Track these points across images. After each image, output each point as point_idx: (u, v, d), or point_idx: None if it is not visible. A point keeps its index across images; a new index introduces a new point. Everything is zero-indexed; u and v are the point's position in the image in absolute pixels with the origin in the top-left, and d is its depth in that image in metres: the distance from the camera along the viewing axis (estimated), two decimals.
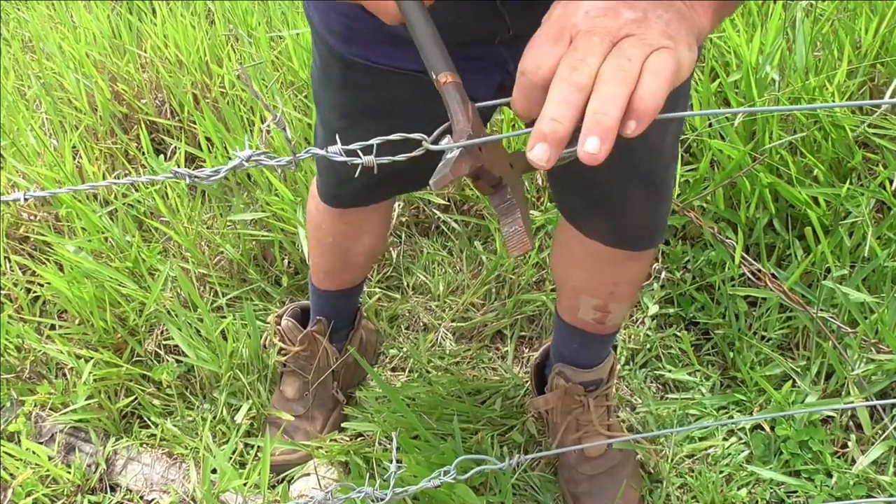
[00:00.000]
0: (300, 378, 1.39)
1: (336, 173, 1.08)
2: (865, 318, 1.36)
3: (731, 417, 1.38)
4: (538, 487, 1.32)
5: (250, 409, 1.41)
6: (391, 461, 1.24)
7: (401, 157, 0.58)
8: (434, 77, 0.58)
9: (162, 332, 1.53)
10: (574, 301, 1.18)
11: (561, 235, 1.14)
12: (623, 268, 1.11)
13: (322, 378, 1.38)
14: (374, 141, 0.58)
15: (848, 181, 1.46)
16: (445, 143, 0.57)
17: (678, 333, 1.49)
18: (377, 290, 1.61)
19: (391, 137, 0.58)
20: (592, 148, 0.49)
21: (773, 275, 1.43)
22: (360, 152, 0.57)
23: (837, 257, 1.43)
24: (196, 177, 0.57)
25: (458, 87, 0.58)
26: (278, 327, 1.39)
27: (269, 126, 1.66)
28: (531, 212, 1.63)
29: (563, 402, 1.26)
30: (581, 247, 1.07)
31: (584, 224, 1.04)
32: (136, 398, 1.45)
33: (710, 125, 1.53)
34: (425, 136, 0.57)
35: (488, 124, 1.18)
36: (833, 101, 1.49)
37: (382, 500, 0.84)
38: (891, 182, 1.43)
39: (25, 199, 0.59)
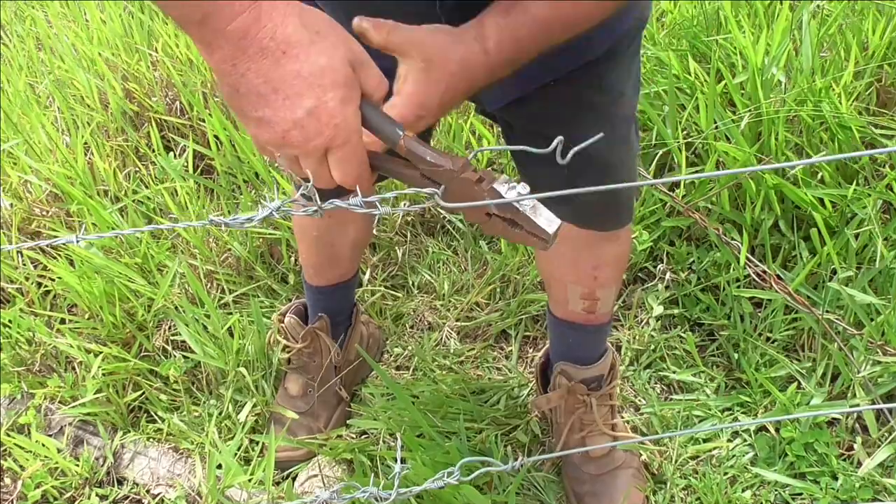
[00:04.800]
0: (303, 375, 1.40)
1: None
2: (872, 319, 1.35)
3: (736, 419, 1.38)
4: (542, 487, 1.32)
5: (254, 406, 1.42)
6: (395, 459, 1.25)
7: (415, 208, 0.67)
8: (397, 142, 0.65)
9: (170, 328, 1.55)
10: (562, 292, 1.20)
11: None
12: (600, 250, 1.13)
13: (325, 374, 1.39)
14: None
15: (854, 182, 1.46)
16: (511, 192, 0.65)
17: (683, 334, 1.49)
18: (382, 288, 1.62)
19: (406, 192, 0.65)
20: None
21: (778, 276, 1.43)
22: (378, 204, 0.63)
23: (843, 259, 1.42)
24: (228, 224, 0.64)
25: (415, 138, 0.65)
26: (281, 325, 1.40)
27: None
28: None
29: (567, 402, 1.27)
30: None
31: (555, 209, 1.06)
32: (143, 393, 1.47)
33: (717, 127, 1.53)
34: (437, 191, 0.64)
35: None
36: (840, 101, 1.49)
37: (387, 499, 0.85)
38: None
39: (77, 241, 0.69)
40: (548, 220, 0.64)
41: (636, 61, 0.99)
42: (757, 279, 1.45)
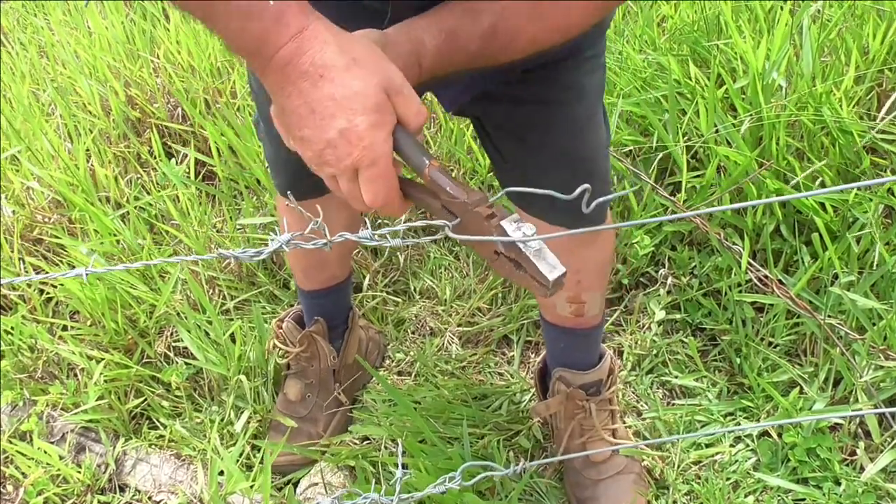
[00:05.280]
0: (302, 380, 1.40)
1: (288, 166, 1.10)
2: (874, 324, 1.35)
3: (738, 424, 1.37)
4: (544, 493, 1.32)
5: (255, 413, 1.42)
6: (397, 465, 1.25)
7: (425, 240, 0.68)
8: (423, 171, 0.67)
9: (172, 334, 1.55)
10: (549, 298, 1.20)
11: None
12: (580, 255, 1.13)
13: (323, 379, 1.39)
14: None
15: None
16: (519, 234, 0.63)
17: (685, 339, 1.49)
18: (384, 293, 1.62)
19: (416, 224, 0.67)
20: None
21: (780, 281, 1.43)
22: (388, 236, 0.65)
23: (845, 263, 1.42)
24: (237, 257, 0.66)
25: (441, 169, 0.66)
26: (279, 330, 1.40)
27: None
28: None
29: (566, 407, 1.27)
30: None
31: (524, 205, 1.07)
32: (145, 399, 1.47)
33: (717, 131, 1.53)
34: (448, 223, 0.65)
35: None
36: (841, 106, 1.49)
37: None
38: None
39: (87, 274, 0.71)
40: (550, 266, 0.62)
41: (600, 60, 1.00)
42: (758, 284, 1.45)
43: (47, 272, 1.61)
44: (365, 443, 1.40)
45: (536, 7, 0.73)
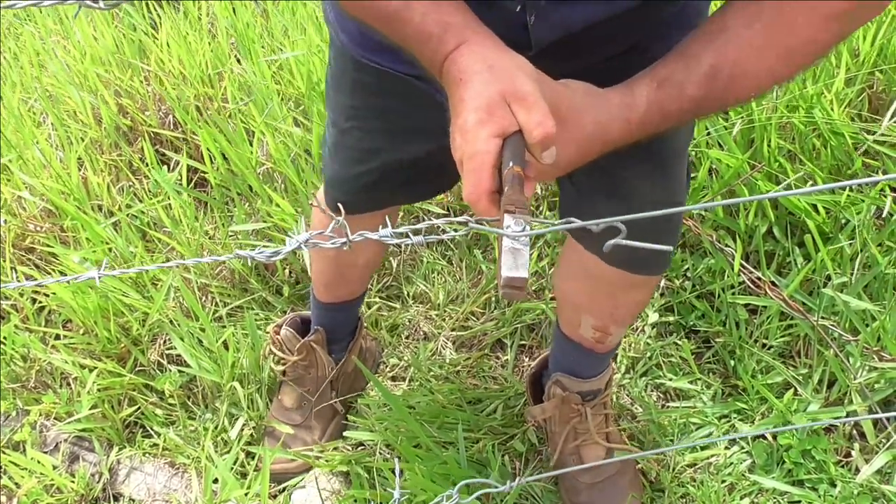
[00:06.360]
0: (299, 387, 1.40)
1: (352, 185, 1.09)
2: (867, 325, 1.35)
3: (733, 426, 1.37)
4: (539, 497, 1.32)
5: (249, 420, 1.42)
6: (393, 471, 1.25)
7: (444, 237, 0.69)
8: (504, 172, 0.67)
9: (165, 342, 1.54)
10: (575, 317, 1.19)
11: (566, 253, 1.15)
12: (625, 295, 1.11)
13: (321, 387, 1.39)
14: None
15: (847, 188, 1.46)
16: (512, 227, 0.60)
17: (678, 342, 1.49)
18: (377, 299, 1.61)
19: (438, 222, 0.67)
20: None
21: (772, 282, 1.43)
22: (410, 234, 0.65)
23: (838, 265, 1.42)
24: (254, 257, 0.66)
25: (516, 175, 0.66)
26: (277, 336, 1.40)
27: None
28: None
29: (561, 412, 1.27)
30: (584, 267, 1.07)
31: (588, 240, 1.04)
32: (139, 408, 1.46)
33: (709, 133, 1.54)
34: (471, 219, 0.66)
35: None
36: (832, 108, 1.49)
37: None
38: (892, 189, 1.43)
39: (99, 278, 0.72)
40: (514, 266, 0.57)
41: None
42: (751, 286, 1.45)
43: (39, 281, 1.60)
44: (359, 448, 1.39)
45: (759, 35, 0.70)
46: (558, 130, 0.68)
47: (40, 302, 1.63)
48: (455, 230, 0.67)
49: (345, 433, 1.41)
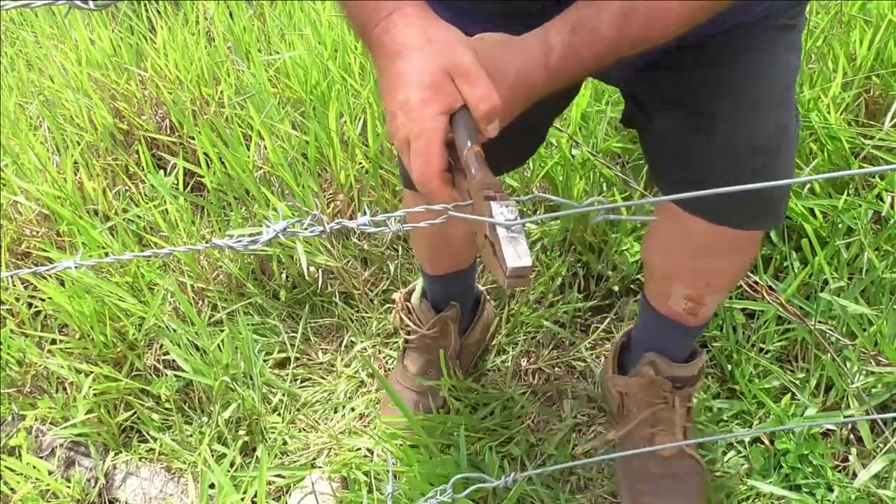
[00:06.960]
0: (425, 355, 1.39)
1: None
2: (864, 330, 1.35)
3: (730, 430, 1.37)
4: (542, 501, 1.31)
5: (245, 424, 1.41)
6: (388, 472, 1.24)
7: (423, 225, 0.65)
8: (462, 153, 0.66)
9: (161, 347, 1.54)
10: (665, 287, 1.11)
11: (661, 223, 1.04)
12: (726, 260, 1.02)
13: (445, 356, 1.37)
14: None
15: (845, 193, 1.46)
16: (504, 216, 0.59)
17: None
18: (376, 302, 1.61)
19: (415, 210, 0.64)
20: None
21: (770, 287, 1.43)
22: (389, 222, 0.63)
23: (835, 269, 1.42)
24: (232, 247, 0.65)
25: (477, 155, 0.65)
26: (407, 303, 1.39)
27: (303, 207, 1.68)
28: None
29: (647, 393, 1.20)
30: (685, 233, 0.99)
31: (687, 200, 0.93)
32: (135, 412, 1.46)
33: None
34: (449, 207, 0.63)
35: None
36: (829, 112, 1.49)
37: None
38: (889, 193, 1.43)
39: (76, 267, 0.70)
40: (517, 255, 0.55)
41: (797, 37, 0.90)
42: (749, 290, 1.45)
43: (35, 286, 1.60)
44: (357, 451, 1.39)
45: None
46: None
47: (36, 307, 1.62)
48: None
49: (343, 439, 1.41)
